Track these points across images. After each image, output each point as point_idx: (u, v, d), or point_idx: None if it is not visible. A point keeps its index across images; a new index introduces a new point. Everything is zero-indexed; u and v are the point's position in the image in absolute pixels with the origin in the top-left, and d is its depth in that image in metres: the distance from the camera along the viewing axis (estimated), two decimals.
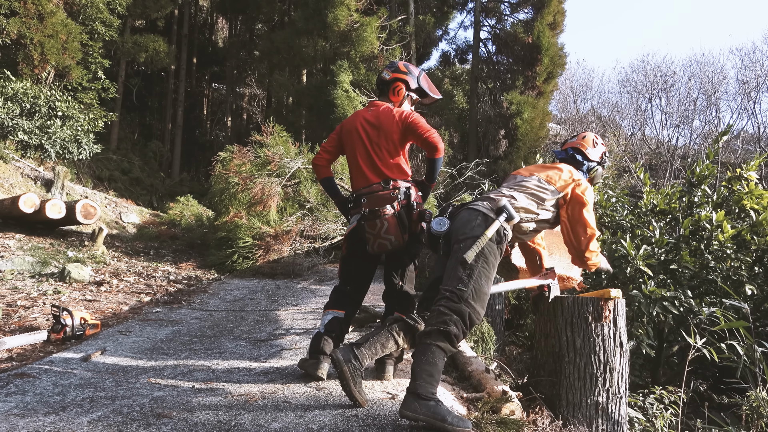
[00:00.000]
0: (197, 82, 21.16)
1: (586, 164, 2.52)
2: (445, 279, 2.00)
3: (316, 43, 12.69)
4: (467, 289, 1.92)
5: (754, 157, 4.62)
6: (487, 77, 15.61)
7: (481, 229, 2.05)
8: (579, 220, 2.30)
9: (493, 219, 2.09)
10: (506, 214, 2.10)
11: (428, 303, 2.13)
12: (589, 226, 2.30)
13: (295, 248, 6.89)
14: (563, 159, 2.59)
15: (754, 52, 26.40)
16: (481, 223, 2.08)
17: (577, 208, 2.30)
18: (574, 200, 2.31)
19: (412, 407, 1.71)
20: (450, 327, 1.84)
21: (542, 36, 13.18)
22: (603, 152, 2.59)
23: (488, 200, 2.20)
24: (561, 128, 19.02)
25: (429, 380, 1.76)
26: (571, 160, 2.55)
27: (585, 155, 2.54)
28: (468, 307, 1.91)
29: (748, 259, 4.31)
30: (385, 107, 2.53)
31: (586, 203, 2.30)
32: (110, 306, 4.29)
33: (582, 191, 2.31)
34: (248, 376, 2.44)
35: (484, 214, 2.12)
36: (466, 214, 2.16)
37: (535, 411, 2.32)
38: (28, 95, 9.60)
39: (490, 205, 2.15)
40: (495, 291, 2.80)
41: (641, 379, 4.33)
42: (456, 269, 1.98)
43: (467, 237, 2.05)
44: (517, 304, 5.20)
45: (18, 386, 2.19)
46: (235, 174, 7.37)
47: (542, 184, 2.33)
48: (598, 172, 2.56)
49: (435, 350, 1.82)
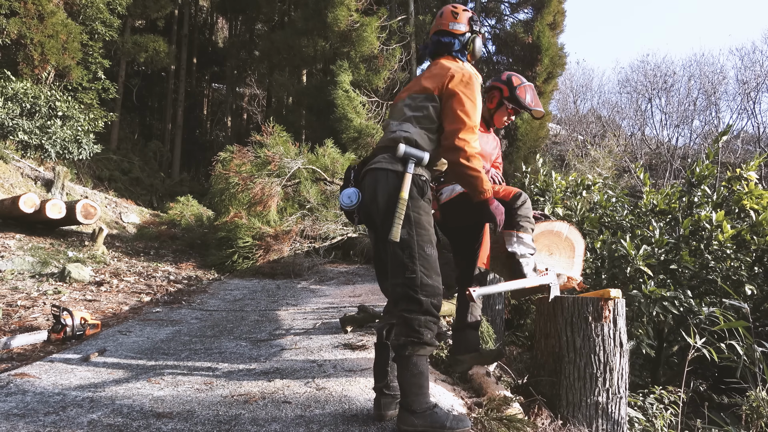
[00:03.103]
0: (197, 82, 21.15)
1: (455, 41, 2.10)
2: (391, 271, 1.79)
3: (316, 43, 12.69)
4: (417, 274, 1.72)
5: (754, 157, 4.63)
6: (487, 77, 15.61)
7: (394, 192, 1.78)
8: (448, 114, 1.89)
9: (402, 172, 1.81)
10: (412, 159, 1.82)
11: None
12: (459, 119, 1.86)
13: (295, 248, 6.89)
14: (433, 53, 2.17)
15: (754, 52, 26.45)
16: (391, 183, 1.81)
17: (449, 102, 1.90)
18: (446, 96, 1.91)
19: (409, 422, 1.68)
20: (424, 335, 1.69)
21: (542, 36, 13.19)
22: (469, 18, 2.15)
23: (385, 150, 1.90)
24: (561, 128, 19.02)
25: (419, 392, 1.70)
26: (440, 47, 2.13)
27: (450, 32, 2.11)
28: (427, 294, 1.72)
29: (748, 259, 4.31)
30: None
31: (456, 93, 1.89)
32: (110, 306, 4.29)
33: (454, 85, 1.90)
34: (248, 376, 2.44)
35: (388, 170, 1.83)
36: (370, 179, 1.88)
37: (535, 411, 2.32)
38: (28, 95, 9.60)
39: (390, 156, 1.86)
40: (495, 291, 2.80)
41: (641, 379, 4.33)
42: (395, 255, 1.76)
43: (385, 209, 1.79)
44: (517, 304, 5.20)
45: (18, 386, 2.19)
46: (235, 174, 7.37)
47: (417, 99, 1.95)
48: (475, 42, 2.12)
49: (416, 360, 1.70)
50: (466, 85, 1.90)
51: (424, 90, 1.93)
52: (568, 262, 2.87)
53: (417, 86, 1.98)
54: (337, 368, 2.55)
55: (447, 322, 3.72)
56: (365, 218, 1.93)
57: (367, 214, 1.90)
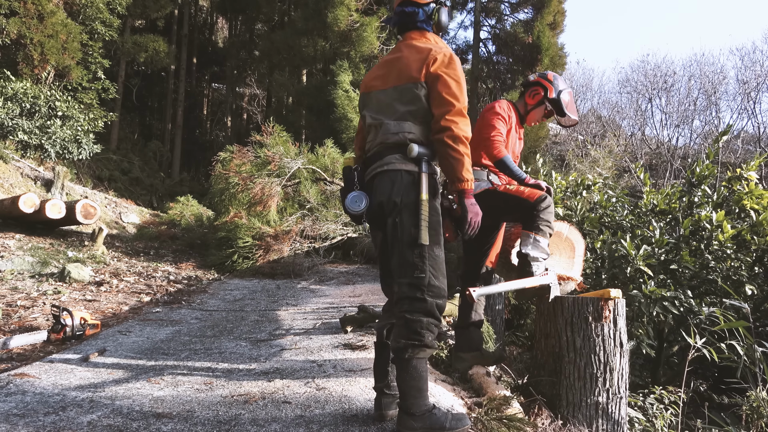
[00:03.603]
0: (197, 82, 21.15)
1: (420, 11, 1.98)
2: (397, 269, 1.76)
3: (316, 43, 12.69)
4: (426, 274, 1.70)
5: (754, 157, 4.63)
6: (487, 77, 15.63)
7: (412, 192, 1.75)
8: (435, 98, 1.83)
9: (417, 172, 1.78)
10: (426, 158, 1.80)
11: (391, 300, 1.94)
12: (447, 102, 1.80)
13: (295, 248, 6.89)
14: (398, 24, 2.05)
15: (754, 52, 26.42)
16: (406, 183, 1.78)
17: (434, 86, 1.83)
18: (431, 80, 1.84)
19: (408, 425, 1.68)
20: (425, 338, 1.68)
21: (542, 36, 13.20)
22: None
23: (394, 149, 1.84)
24: (561, 128, 19.02)
25: (418, 395, 1.69)
26: (405, 17, 2.00)
27: (414, 2, 1.98)
28: (433, 295, 1.70)
29: (748, 259, 4.31)
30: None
31: (440, 75, 1.82)
32: (110, 306, 4.29)
33: (436, 68, 1.83)
34: (248, 376, 2.43)
35: (402, 171, 1.80)
36: (386, 180, 1.82)
37: (535, 411, 2.32)
38: (28, 95, 9.60)
39: (401, 156, 1.81)
40: (495, 291, 2.80)
41: (641, 379, 4.33)
42: (405, 254, 1.73)
43: (402, 206, 1.75)
44: (517, 304, 5.20)
45: (18, 386, 2.19)
46: (235, 174, 7.37)
47: (406, 91, 1.87)
48: (440, 13, 2.00)
49: (416, 363, 1.69)
50: (448, 65, 1.84)
51: (411, 79, 1.85)
52: (568, 262, 2.87)
53: (401, 77, 1.88)
54: (337, 368, 2.55)
55: (447, 322, 3.72)
56: (372, 219, 1.88)
57: (376, 215, 1.85)
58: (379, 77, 1.97)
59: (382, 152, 1.86)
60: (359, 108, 2.04)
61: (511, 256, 2.76)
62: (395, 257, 1.78)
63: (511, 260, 2.76)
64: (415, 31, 1.99)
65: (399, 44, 2.01)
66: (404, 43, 1.98)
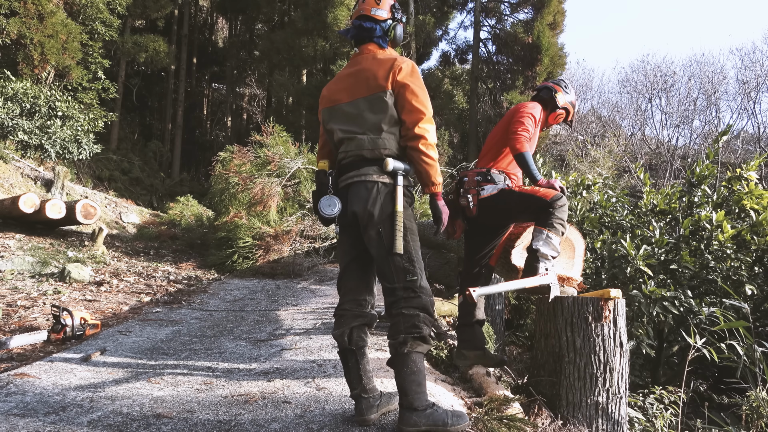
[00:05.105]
0: (197, 82, 21.16)
1: (377, 27, 2.02)
2: (386, 276, 1.83)
3: (316, 43, 12.71)
4: (417, 276, 1.80)
5: (754, 157, 4.63)
6: (487, 77, 15.63)
7: (387, 204, 1.84)
8: (404, 107, 1.88)
9: (392, 185, 1.86)
10: (401, 172, 1.88)
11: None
12: (417, 110, 1.87)
13: (295, 248, 6.89)
14: (355, 37, 2.08)
15: (754, 52, 26.45)
16: (384, 195, 1.85)
17: (402, 94, 1.88)
18: (397, 89, 1.89)
19: (412, 421, 1.70)
20: (423, 330, 1.76)
21: (542, 36, 13.21)
22: (391, 5, 2.07)
23: (370, 162, 1.89)
24: (560, 128, 19.01)
25: (419, 390, 1.72)
26: (362, 32, 2.04)
27: (372, 18, 2.02)
28: (425, 292, 1.80)
29: (748, 259, 4.31)
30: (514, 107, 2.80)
31: (407, 85, 1.88)
32: (110, 306, 4.29)
33: (403, 77, 1.88)
34: (248, 376, 2.44)
35: (378, 182, 1.86)
36: (362, 190, 1.88)
37: (535, 411, 2.32)
38: (28, 95, 9.60)
39: (378, 168, 1.87)
40: (495, 291, 2.80)
41: (641, 379, 4.34)
42: (391, 263, 1.81)
43: (379, 220, 1.83)
44: (517, 304, 5.20)
45: (18, 386, 2.19)
46: (235, 174, 7.38)
47: (375, 101, 1.91)
48: (396, 29, 2.06)
49: (414, 357, 1.74)
50: (412, 74, 1.92)
51: (379, 88, 1.90)
52: (568, 262, 2.87)
53: (369, 87, 1.93)
54: (337, 368, 2.55)
55: (447, 322, 3.72)
56: (345, 226, 1.95)
57: (350, 222, 1.92)
58: (343, 90, 2.00)
59: (359, 163, 1.92)
60: (323, 123, 2.07)
61: (511, 256, 2.77)
62: (384, 265, 1.85)
63: (511, 260, 2.76)
64: (371, 44, 2.06)
65: (356, 57, 2.08)
66: (362, 56, 2.04)
